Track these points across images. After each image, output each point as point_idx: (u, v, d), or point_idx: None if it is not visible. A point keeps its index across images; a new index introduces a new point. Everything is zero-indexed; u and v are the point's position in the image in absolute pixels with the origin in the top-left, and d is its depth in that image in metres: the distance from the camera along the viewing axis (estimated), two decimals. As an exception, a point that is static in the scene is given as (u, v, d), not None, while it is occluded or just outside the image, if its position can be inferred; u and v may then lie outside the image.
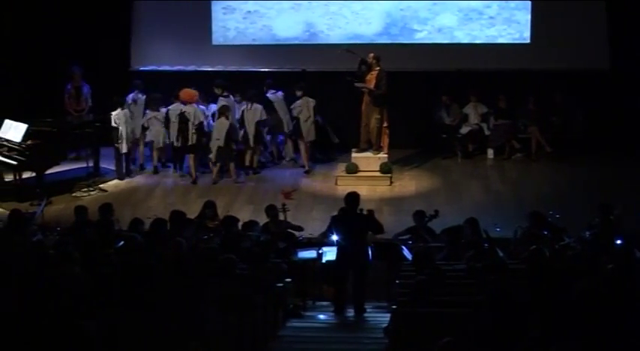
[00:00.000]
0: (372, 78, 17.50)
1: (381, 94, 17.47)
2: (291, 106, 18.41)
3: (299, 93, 18.31)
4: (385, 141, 17.90)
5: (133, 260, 10.01)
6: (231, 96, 18.16)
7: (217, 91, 18.10)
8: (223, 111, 17.62)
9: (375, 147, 17.87)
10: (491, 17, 19.55)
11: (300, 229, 13.92)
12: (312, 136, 18.50)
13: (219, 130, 17.62)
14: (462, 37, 19.65)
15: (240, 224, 13.06)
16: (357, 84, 17.49)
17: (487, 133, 19.19)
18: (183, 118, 17.66)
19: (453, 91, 19.19)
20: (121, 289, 8.64)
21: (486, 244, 12.01)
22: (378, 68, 17.46)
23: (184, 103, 17.77)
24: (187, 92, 17.85)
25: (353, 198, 12.48)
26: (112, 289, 8.62)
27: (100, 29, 19.58)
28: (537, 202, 15.30)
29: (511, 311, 7.80)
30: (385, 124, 17.74)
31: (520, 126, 19.00)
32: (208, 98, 18.54)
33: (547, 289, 8.83)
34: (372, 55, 17.52)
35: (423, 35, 19.72)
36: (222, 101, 17.86)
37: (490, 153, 19.17)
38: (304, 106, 18.26)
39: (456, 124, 19.17)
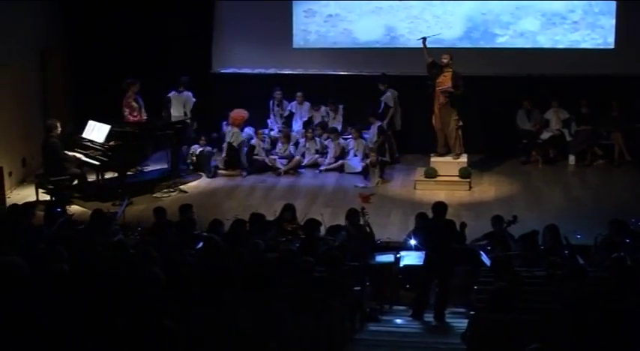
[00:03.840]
0: (445, 80, 17.38)
1: (459, 94, 17.37)
2: (382, 98, 18.97)
3: (383, 86, 18.93)
4: (461, 140, 17.82)
5: (212, 261, 10.09)
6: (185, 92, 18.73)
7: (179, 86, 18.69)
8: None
9: (455, 150, 17.77)
10: (574, 22, 19.32)
11: (372, 236, 13.82)
12: (399, 126, 19.12)
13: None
14: (545, 41, 19.46)
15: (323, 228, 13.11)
16: (439, 88, 17.39)
17: (568, 138, 18.97)
18: None
19: (534, 96, 19.00)
20: (200, 289, 8.70)
21: (566, 251, 11.90)
22: (450, 69, 17.37)
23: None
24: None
25: (441, 208, 12.45)
26: (192, 290, 8.69)
27: (183, 31, 19.78)
28: (619, 210, 15.06)
29: (591, 319, 7.71)
30: (461, 123, 17.63)
31: (602, 132, 18.75)
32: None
33: (629, 297, 8.71)
34: (448, 55, 17.39)
35: (505, 40, 19.57)
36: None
37: (571, 159, 18.94)
38: (392, 98, 18.94)
39: (537, 129, 18.98)
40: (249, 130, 19.17)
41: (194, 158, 18.76)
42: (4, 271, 8.25)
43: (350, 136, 18.90)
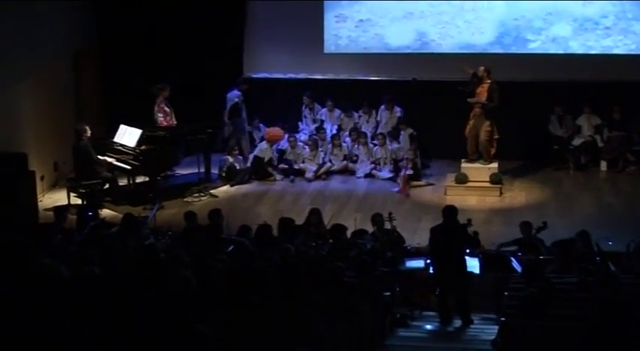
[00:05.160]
0: (483, 91, 17.34)
1: (493, 107, 17.33)
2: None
3: (387, 97, 19.24)
4: (492, 152, 17.74)
5: (242, 265, 10.10)
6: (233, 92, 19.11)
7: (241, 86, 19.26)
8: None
9: (485, 158, 17.71)
10: (607, 28, 19.18)
11: (402, 240, 13.81)
12: None
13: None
14: (577, 47, 19.33)
15: (349, 232, 13.10)
16: (470, 99, 17.36)
17: (600, 145, 18.85)
18: None
19: (566, 102, 18.90)
20: (230, 293, 8.72)
21: (598, 258, 11.83)
22: (489, 81, 17.32)
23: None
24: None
25: (450, 211, 12.40)
26: (222, 294, 8.71)
27: (214, 35, 19.82)
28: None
29: (623, 326, 7.66)
30: (496, 136, 17.58)
31: (635, 138, 18.63)
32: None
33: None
34: (482, 68, 17.35)
35: (537, 45, 19.47)
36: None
37: (603, 165, 18.81)
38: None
39: (569, 135, 18.89)
40: (284, 143, 19.23)
41: (225, 170, 18.65)
42: (45, 274, 8.33)
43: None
